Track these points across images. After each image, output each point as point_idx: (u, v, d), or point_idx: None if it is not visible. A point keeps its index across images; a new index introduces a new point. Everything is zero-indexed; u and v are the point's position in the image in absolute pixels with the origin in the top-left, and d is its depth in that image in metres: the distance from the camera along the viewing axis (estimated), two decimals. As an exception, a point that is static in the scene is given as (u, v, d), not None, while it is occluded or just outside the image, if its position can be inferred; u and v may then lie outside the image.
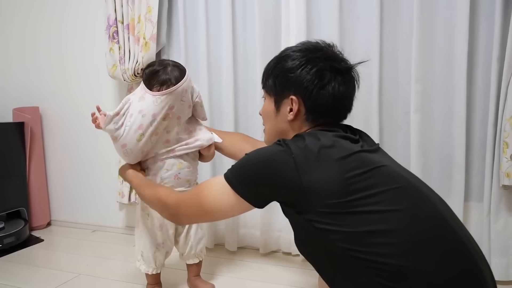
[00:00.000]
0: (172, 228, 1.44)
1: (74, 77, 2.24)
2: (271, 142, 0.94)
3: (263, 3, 1.77)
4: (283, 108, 0.94)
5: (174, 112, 1.30)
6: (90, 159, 2.27)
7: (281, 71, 0.93)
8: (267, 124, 1.01)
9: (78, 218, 2.35)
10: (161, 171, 1.34)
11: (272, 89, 0.95)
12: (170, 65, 1.35)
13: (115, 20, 1.91)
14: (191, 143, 1.37)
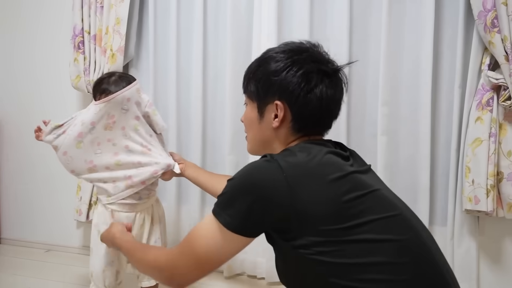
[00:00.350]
0: None
1: (36, 86, 2.14)
2: (254, 151, 0.90)
3: (236, 19, 1.77)
4: (267, 115, 0.86)
5: (115, 122, 1.27)
6: (47, 173, 2.14)
7: (264, 74, 0.85)
8: (250, 132, 0.92)
9: (31, 237, 2.19)
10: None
11: (255, 94, 0.87)
12: (115, 75, 1.34)
13: (81, 30, 1.85)
14: (145, 164, 1.29)
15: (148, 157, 1.30)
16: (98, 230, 1.34)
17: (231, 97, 1.78)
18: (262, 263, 1.81)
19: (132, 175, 1.28)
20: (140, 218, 1.36)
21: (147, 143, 1.31)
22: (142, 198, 1.35)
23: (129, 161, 1.28)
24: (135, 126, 1.30)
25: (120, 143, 1.29)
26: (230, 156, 1.81)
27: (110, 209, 1.33)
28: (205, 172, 1.36)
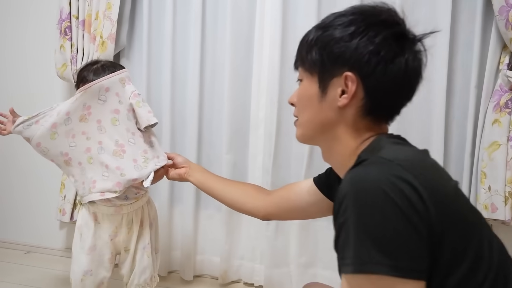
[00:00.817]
0: (109, 253, 1.23)
1: (18, 75, 1.98)
2: (308, 137, 0.75)
3: (237, 11, 1.64)
4: (332, 91, 0.68)
5: (91, 113, 1.16)
6: (27, 169, 1.99)
7: (331, 40, 0.67)
8: (305, 113, 0.73)
9: (9, 237, 2.04)
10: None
11: (317, 64, 0.69)
12: (99, 63, 1.24)
13: (68, 15, 1.70)
14: (110, 171, 1.15)
15: (116, 162, 1.15)
16: (81, 233, 1.23)
17: (230, 93, 1.66)
18: (260, 270, 1.70)
19: (97, 180, 1.15)
20: (127, 221, 1.24)
21: (124, 142, 1.17)
22: (128, 198, 1.22)
23: (99, 161, 1.16)
24: (112, 120, 1.17)
25: (94, 137, 1.16)
26: (228, 155, 1.69)
27: (92, 211, 1.21)
28: (214, 177, 1.17)
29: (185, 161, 1.21)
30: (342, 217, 0.55)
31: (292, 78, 1.62)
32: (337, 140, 0.70)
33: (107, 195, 1.14)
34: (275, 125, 1.63)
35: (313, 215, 0.98)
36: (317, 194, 0.92)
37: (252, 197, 1.06)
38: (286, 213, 1.00)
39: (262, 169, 1.68)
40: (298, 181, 1.01)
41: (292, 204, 0.97)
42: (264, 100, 1.66)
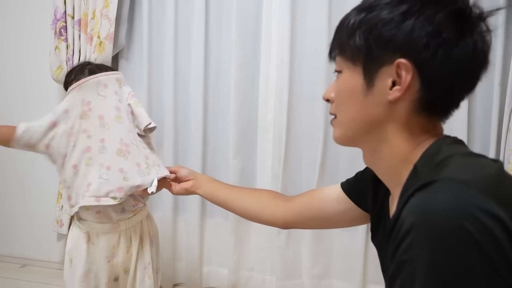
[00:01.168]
0: (106, 276, 1.10)
1: (12, 78, 1.87)
2: (349, 138, 0.63)
3: (243, 6, 1.55)
4: (380, 82, 0.57)
5: (92, 109, 1.07)
6: (22, 179, 1.89)
7: (379, 22, 0.55)
8: (346, 110, 0.62)
9: (4, 250, 1.94)
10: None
11: (362, 52, 0.57)
12: (91, 64, 1.20)
13: (63, 14, 1.61)
14: (111, 174, 1.04)
15: (120, 163, 1.05)
16: (71, 258, 1.10)
17: (236, 94, 1.57)
18: (271, 281, 1.60)
19: (92, 183, 1.03)
20: (126, 239, 1.11)
21: (128, 141, 1.08)
22: (126, 211, 1.11)
23: (98, 162, 1.04)
24: (116, 117, 1.08)
25: (95, 135, 1.06)
26: (235, 160, 1.60)
27: (85, 231, 1.09)
28: (225, 186, 1.07)
29: (190, 173, 1.09)
30: (405, 255, 0.45)
31: (303, 76, 1.56)
32: (385, 142, 0.59)
33: (104, 201, 1.02)
34: (285, 128, 1.54)
35: (340, 224, 0.87)
36: (347, 202, 0.81)
37: (269, 205, 0.95)
38: (309, 222, 0.89)
39: (271, 175, 1.59)
40: (321, 187, 0.91)
41: (317, 212, 0.86)
42: (273, 101, 1.56)
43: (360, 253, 1.50)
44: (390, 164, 0.59)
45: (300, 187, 1.58)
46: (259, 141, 1.60)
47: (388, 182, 0.63)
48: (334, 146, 1.54)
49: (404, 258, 0.45)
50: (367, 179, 0.76)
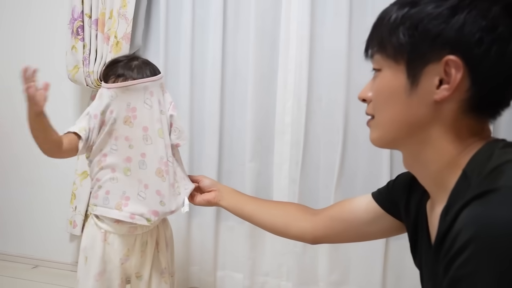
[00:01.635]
0: (119, 278, 1.08)
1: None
2: (388, 140, 0.60)
3: (261, 7, 1.53)
4: (426, 81, 0.53)
5: (137, 117, 1.01)
6: (37, 179, 1.88)
7: (425, 16, 0.52)
8: (386, 110, 0.59)
9: (16, 250, 1.92)
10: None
11: (405, 49, 0.54)
12: (138, 59, 1.08)
13: (81, 13, 1.60)
14: (148, 195, 1.02)
15: (157, 185, 1.02)
16: (86, 256, 1.07)
17: (253, 96, 1.55)
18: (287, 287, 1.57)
19: (131, 198, 1.02)
20: (141, 243, 1.09)
21: (168, 160, 1.04)
22: None
23: (137, 177, 1.02)
24: (159, 132, 1.03)
25: (137, 147, 1.02)
26: (251, 163, 1.57)
27: (103, 230, 1.06)
28: (249, 198, 1.04)
29: (212, 184, 1.07)
30: (462, 270, 0.42)
31: (322, 79, 1.52)
32: (429, 144, 0.55)
33: (138, 220, 1.01)
34: (302, 131, 1.51)
35: (372, 236, 0.83)
36: (377, 212, 0.78)
37: (296, 219, 0.92)
38: (339, 235, 0.86)
39: (288, 179, 1.55)
40: (351, 197, 0.87)
41: (347, 224, 0.83)
42: (291, 104, 1.53)
43: (380, 260, 1.46)
44: (434, 168, 0.56)
45: (317, 191, 1.55)
46: (276, 144, 1.57)
47: (431, 187, 0.59)
48: (352, 150, 1.51)
49: (460, 273, 0.42)
50: (399, 187, 0.74)
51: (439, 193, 0.56)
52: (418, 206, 0.66)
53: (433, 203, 0.60)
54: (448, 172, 0.53)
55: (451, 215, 0.46)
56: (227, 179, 1.62)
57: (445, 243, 0.45)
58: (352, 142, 1.50)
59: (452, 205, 0.48)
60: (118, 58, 1.09)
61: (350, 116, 1.49)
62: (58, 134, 1.00)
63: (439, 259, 0.48)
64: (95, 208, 1.05)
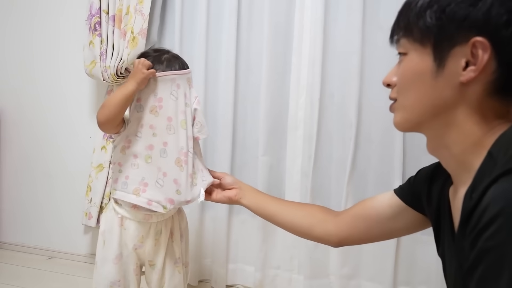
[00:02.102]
0: (134, 263, 1.11)
1: (44, 74, 1.91)
2: (413, 123, 0.60)
3: (275, 3, 1.55)
4: (452, 63, 0.54)
5: (163, 107, 1.04)
6: (53, 172, 1.92)
7: (452, 1, 0.53)
8: (411, 93, 0.60)
9: (32, 241, 1.96)
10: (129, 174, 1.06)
11: (433, 31, 0.55)
12: (169, 53, 1.10)
13: (98, 10, 1.63)
14: (166, 183, 1.04)
15: (175, 174, 1.05)
16: (104, 239, 1.10)
17: (267, 91, 1.57)
18: (298, 280, 1.58)
19: (149, 184, 1.04)
20: (155, 232, 1.11)
21: (188, 151, 1.07)
22: None
23: (157, 165, 1.04)
24: (182, 123, 1.06)
25: (161, 135, 1.05)
26: (264, 157, 1.59)
27: (120, 215, 1.09)
28: (271, 198, 1.01)
29: (234, 182, 1.07)
30: (490, 241, 0.43)
31: (335, 74, 1.54)
32: (454, 126, 0.56)
33: (155, 207, 1.04)
34: (315, 126, 1.53)
35: (397, 232, 0.82)
36: (400, 206, 0.78)
37: (319, 220, 0.90)
38: (364, 235, 0.84)
39: (300, 173, 1.57)
40: (372, 196, 0.86)
41: (371, 222, 0.82)
42: (304, 98, 1.55)
43: (391, 253, 1.47)
44: (459, 150, 0.57)
45: (329, 186, 1.57)
46: (288, 139, 1.59)
47: (454, 170, 0.60)
48: (365, 146, 1.52)
49: (489, 245, 0.43)
50: (420, 180, 0.74)
51: (463, 175, 0.57)
52: (440, 194, 0.67)
53: (456, 186, 0.61)
54: (473, 153, 0.54)
55: (478, 193, 0.47)
56: (240, 173, 1.64)
57: (472, 218, 0.47)
58: (365, 138, 1.52)
59: (478, 184, 0.50)
60: (149, 52, 1.12)
61: (362, 111, 1.50)
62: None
63: (465, 235, 0.49)
64: (114, 192, 1.08)
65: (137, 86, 1.00)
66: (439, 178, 0.68)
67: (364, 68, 1.49)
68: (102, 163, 1.71)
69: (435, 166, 0.72)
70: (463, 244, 0.50)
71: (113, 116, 1.01)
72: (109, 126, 1.05)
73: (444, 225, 0.65)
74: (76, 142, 1.87)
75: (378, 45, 1.48)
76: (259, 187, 1.60)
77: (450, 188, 0.64)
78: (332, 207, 1.56)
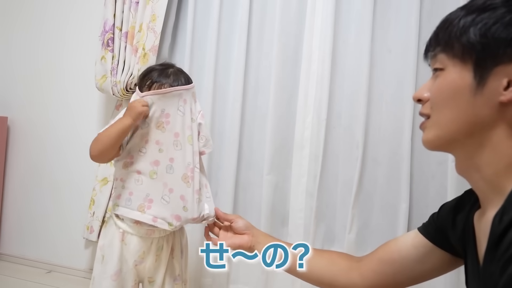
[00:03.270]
0: (132, 280, 1.08)
1: (53, 86, 1.95)
2: (445, 141, 0.59)
3: (285, 24, 1.58)
4: (493, 82, 0.54)
5: (170, 123, 1.04)
6: (58, 184, 1.92)
7: (497, 20, 0.53)
8: (446, 110, 0.58)
9: (32, 254, 1.94)
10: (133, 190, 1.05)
11: (476, 49, 0.55)
12: (174, 67, 1.12)
13: (112, 26, 1.68)
14: (172, 199, 1.03)
15: (182, 190, 1.04)
16: (103, 254, 1.08)
17: (274, 109, 1.58)
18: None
19: (154, 201, 1.02)
20: (157, 247, 1.09)
21: (194, 166, 1.06)
22: None
23: (163, 180, 1.03)
24: (188, 138, 1.07)
25: (167, 151, 1.04)
26: (269, 176, 1.58)
27: (121, 230, 1.07)
28: (286, 245, 0.92)
29: (247, 227, 0.99)
30: None
31: (343, 95, 1.54)
32: (488, 147, 0.55)
33: (159, 224, 1.02)
34: (322, 146, 1.52)
35: (426, 275, 0.76)
36: (426, 246, 0.74)
37: (342, 268, 0.84)
38: (392, 281, 0.77)
39: (305, 193, 1.55)
40: (394, 238, 0.81)
41: (397, 266, 0.76)
42: (311, 118, 1.55)
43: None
44: (491, 171, 0.55)
45: (334, 206, 1.54)
46: (294, 158, 1.58)
47: (484, 191, 0.58)
48: (371, 167, 1.50)
49: None
50: (444, 213, 0.72)
51: (493, 197, 0.55)
52: (466, 220, 0.65)
53: (484, 209, 0.59)
54: (506, 176, 0.53)
55: (510, 216, 0.45)
56: (244, 191, 1.62)
57: (503, 242, 0.45)
58: (371, 159, 1.50)
59: (509, 207, 0.48)
60: (154, 66, 1.14)
61: (370, 132, 1.49)
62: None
63: (494, 259, 0.47)
64: (117, 207, 1.06)
65: (133, 122, 1.01)
66: (464, 207, 0.66)
67: (372, 89, 1.49)
68: (107, 177, 1.71)
69: (459, 198, 0.70)
70: (491, 269, 0.48)
71: (106, 149, 1.02)
72: (103, 159, 1.06)
73: (468, 250, 0.62)
74: (82, 155, 1.86)
75: (386, 66, 1.49)
76: (263, 206, 1.58)
77: (476, 212, 0.62)
78: (337, 227, 1.55)
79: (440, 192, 1.41)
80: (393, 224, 1.46)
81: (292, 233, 1.55)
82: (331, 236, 1.55)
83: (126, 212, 1.04)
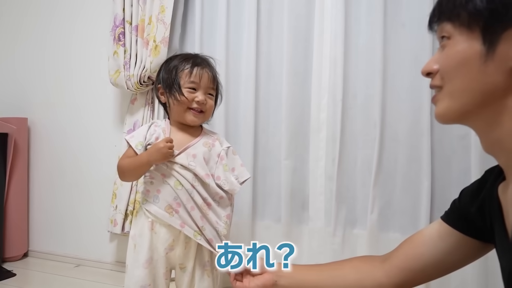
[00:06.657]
0: (164, 267, 1.12)
1: (71, 85, 1.98)
2: (460, 112, 0.57)
3: (294, 7, 1.55)
4: (503, 47, 0.52)
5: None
6: (80, 181, 1.96)
7: None
8: (457, 79, 0.56)
9: (60, 249, 2.00)
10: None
11: (483, 15, 0.53)
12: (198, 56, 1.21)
13: (122, 20, 1.69)
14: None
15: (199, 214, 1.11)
16: (135, 243, 1.12)
17: (288, 93, 1.56)
18: None
19: (181, 204, 1.09)
20: (185, 235, 1.11)
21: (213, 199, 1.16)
22: None
23: (186, 195, 1.09)
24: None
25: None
26: (286, 161, 1.57)
27: (150, 219, 1.10)
28: (308, 268, 0.88)
29: (261, 266, 0.89)
30: None
31: (357, 74, 1.50)
32: (506, 114, 0.53)
33: (186, 231, 1.09)
34: (339, 127, 1.50)
35: (456, 265, 0.73)
36: (452, 235, 0.71)
37: (365, 272, 0.80)
38: (421, 275, 0.75)
39: (324, 176, 1.54)
40: (418, 231, 0.77)
41: (426, 260, 0.73)
42: (326, 100, 1.53)
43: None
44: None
45: (355, 188, 1.52)
46: (311, 141, 1.57)
47: (509, 162, 0.56)
48: (391, 146, 1.47)
49: None
50: (466, 197, 0.69)
51: None
52: (489, 197, 0.63)
53: (509, 180, 0.57)
54: None
55: None
56: (263, 177, 1.62)
57: None
58: (390, 138, 1.47)
59: None
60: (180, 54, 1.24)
61: (387, 110, 1.46)
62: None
63: None
64: (145, 202, 1.11)
65: (156, 162, 1.08)
66: (485, 186, 0.64)
67: (387, 66, 1.45)
68: (127, 171, 1.74)
69: (479, 180, 0.68)
70: None
71: (132, 180, 1.15)
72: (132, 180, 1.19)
73: (496, 225, 0.60)
74: (101, 150, 1.91)
75: (401, 42, 1.45)
76: (282, 192, 1.58)
77: (500, 185, 0.60)
78: (359, 209, 1.53)
79: (463, 168, 1.38)
80: (416, 202, 1.44)
81: (313, 217, 1.55)
82: (353, 218, 1.54)
83: (154, 210, 1.09)
